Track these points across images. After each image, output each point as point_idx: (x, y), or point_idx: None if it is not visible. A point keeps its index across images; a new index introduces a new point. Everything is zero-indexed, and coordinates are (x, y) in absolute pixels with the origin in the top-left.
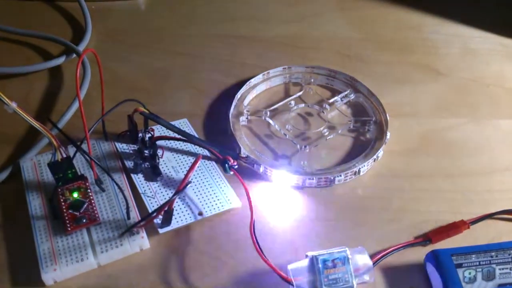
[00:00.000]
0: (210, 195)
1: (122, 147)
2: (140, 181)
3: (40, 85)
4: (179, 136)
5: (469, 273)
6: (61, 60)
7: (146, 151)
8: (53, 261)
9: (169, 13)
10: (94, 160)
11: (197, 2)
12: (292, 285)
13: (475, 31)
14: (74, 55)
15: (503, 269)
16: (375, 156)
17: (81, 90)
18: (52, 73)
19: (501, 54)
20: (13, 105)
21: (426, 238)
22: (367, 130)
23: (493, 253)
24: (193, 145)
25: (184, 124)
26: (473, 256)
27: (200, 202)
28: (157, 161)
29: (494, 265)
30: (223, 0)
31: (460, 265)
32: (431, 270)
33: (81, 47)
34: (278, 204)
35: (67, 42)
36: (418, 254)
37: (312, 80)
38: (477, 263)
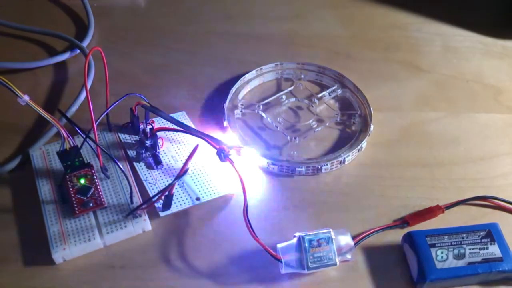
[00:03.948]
0: (207, 181)
1: (125, 137)
2: (142, 169)
3: (46, 79)
4: (178, 128)
5: (442, 252)
6: (65, 56)
7: (147, 142)
8: (62, 241)
9: (168, 11)
10: (101, 147)
11: (195, 0)
12: (281, 262)
13: (456, 30)
14: (78, 51)
15: (472, 249)
16: (359, 147)
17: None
18: (57, 68)
19: (480, 52)
20: (26, 98)
21: (404, 221)
22: (352, 123)
23: (464, 235)
24: (191, 136)
25: (182, 116)
26: (446, 237)
27: (198, 188)
28: (158, 150)
29: (464, 246)
30: None
31: (433, 245)
32: (407, 249)
33: (84, 43)
34: (269, 190)
35: (72, 39)
36: (396, 235)
37: (303, 76)
38: (449, 244)
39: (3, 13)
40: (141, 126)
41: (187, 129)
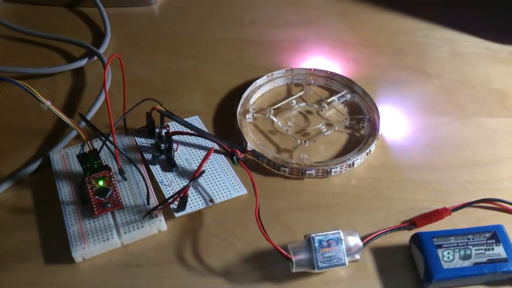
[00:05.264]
0: (220, 184)
1: (141, 141)
2: (157, 171)
3: (64, 85)
4: (191, 132)
5: (448, 253)
6: (83, 62)
7: (163, 145)
8: (82, 241)
9: (182, 19)
10: (120, 150)
11: (207, 8)
12: (292, 261)
13: (463, 36)
14: (95, 57)
15: (478, 250)
16: (367, 150)
17: (104, 90)
18: (75, 74)
19: (486, 57)
20: (48, 103)
21: (411, 223)
22: (361, 127)
23: (470, 236)
24: (204, 140)
25: (196, 120)
26: (452, 238)
27: (211, 190)
28: (172, 153)
29: (470, 247)
30: (231, 6)
31: (440, 246)
32: (414, 250)
33: (101, 50)
34: (280, 192)
35: (89, 46)
36: (404, 236)
37: (312, 81)
38: (455, 245)
39: (23, 20)
40: (157, 130)
41: (200, 133)
